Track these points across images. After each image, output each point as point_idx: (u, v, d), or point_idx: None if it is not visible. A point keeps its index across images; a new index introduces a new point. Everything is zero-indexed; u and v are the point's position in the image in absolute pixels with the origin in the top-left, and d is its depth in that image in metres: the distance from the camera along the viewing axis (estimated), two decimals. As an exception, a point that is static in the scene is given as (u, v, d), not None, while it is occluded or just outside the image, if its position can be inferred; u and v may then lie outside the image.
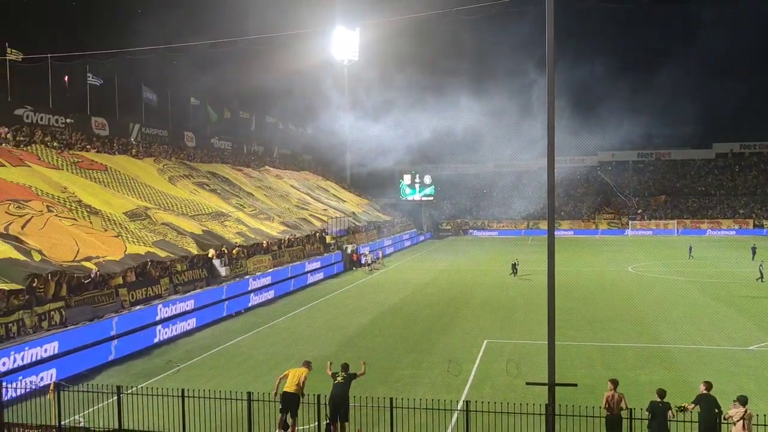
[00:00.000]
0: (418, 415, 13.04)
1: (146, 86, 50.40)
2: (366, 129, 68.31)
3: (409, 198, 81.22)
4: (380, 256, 52.28)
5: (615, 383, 13.45)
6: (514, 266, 42.51)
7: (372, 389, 15.67)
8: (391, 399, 12.94)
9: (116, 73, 46.71)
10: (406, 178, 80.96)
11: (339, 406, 14.28)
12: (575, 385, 14.58)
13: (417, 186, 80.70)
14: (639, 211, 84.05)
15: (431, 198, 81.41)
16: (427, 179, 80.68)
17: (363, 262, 48.81)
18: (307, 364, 15.51)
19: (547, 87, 13.14)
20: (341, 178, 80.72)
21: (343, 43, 74.82)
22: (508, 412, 12.48)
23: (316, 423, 13.47)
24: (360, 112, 70.89)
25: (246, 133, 66.66)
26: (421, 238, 75.98)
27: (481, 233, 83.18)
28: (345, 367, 15.15)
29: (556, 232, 14.08)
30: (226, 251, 34.27)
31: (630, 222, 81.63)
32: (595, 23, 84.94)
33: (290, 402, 14.64)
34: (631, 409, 12.51)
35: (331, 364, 15.40)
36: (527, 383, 14.25)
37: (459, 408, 14.01)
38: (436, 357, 22.29)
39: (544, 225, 76.81)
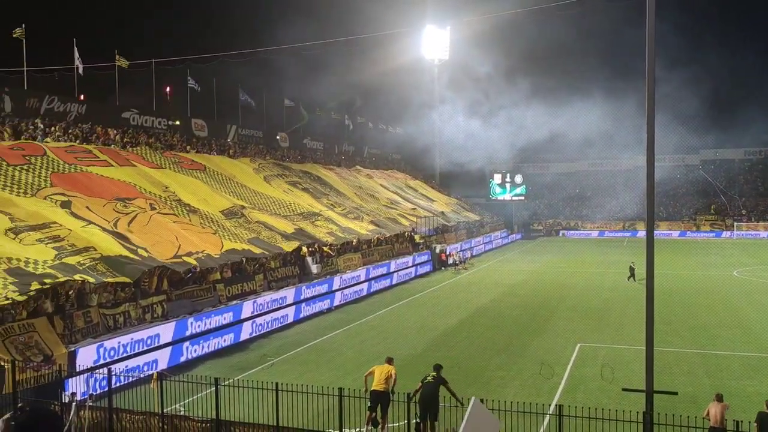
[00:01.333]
0: (508, 417, 12.83)
1: (242, 89, 52.10)
2: (456, 128, 67.99)
3: (500, 198, 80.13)
4: (468, 256, 51.85)
5: (720, 398, 12.85)
6: (631, 270, 38.56)
7: (461, 390, 15.55)
8: (481, 400, 12.80)
9: (215, 76, 48.58)
10: (497, 178, 79.91)
11: (429, 405, 14.27)
12: (675, 393, 13.94)
13: (508, 185, 79.51)
14: (744, 213, 79.43)
15: (522, 198, 80.00)
16: (518, 179, 79.34)
17: (451, 262, 48.59)
18: (390, 361, 15.64)
19: (646, 84, 12.62)
20: (430, 178, 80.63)
21: (434, 43, 74.70)
22: (602, 419, 12.08)
23: (406, 421, 13.51)
24: (450, 111, 70.65)
25: (337, 134, 67.75)
26: (512, 238, 74.82)
27: (573, 234, 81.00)
28: (436, 367, 15.14)
29: (655, 234, 13.50)
30: (317, 249, 34.96)
31: (735, 224, 77.13)
32: (703, 14, 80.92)
33: (378, 399, 14.78)
34: (737, 421, 11.82)
35: None
36: (624, 389, 13.75)
37: (551, 412, 13.68)
38: (527, 359, 21.90)
39: (640, 226, 74.00)
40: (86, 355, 18.78)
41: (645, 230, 13.47)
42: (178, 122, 42.53)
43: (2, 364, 16.44)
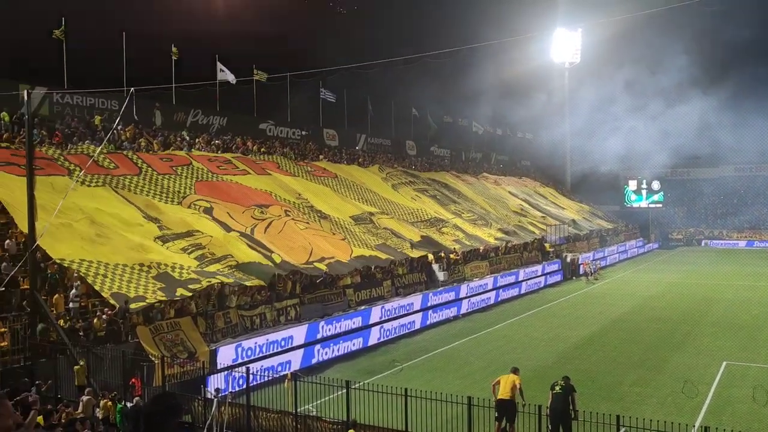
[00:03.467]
0: (647, 436, 12.16)
1: (371, 99, 53.21)
2: (587, 133, 65.68)
3: (635, 205, 76.43)
4: (597, 267, 49.38)
5: None
6: None
7: (594, 404, 14.97)
8: (618, 416, 12.24)
9: (346, 87, 49.93)
10: (632, 184, 76.27)
11: (559, 418, 13.86)
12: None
13: (644, 192, 75.68)
14: None
15: (660, 205, 75.82)
16: (655, 185, 75.28)
17: (582, 272, 46.85)
18: (515, 371, 15.37)
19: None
20: (560, 185, 78.33)
21: (564, 46, 72.69)
22: (754, 444, 11.18)
23: (536, 434, 13.17)
24: (581, 115, 68.38)
25: (465, 141, 67.49)
26: (648, 247, 71.08)
27: (717, 243, 75.51)
28: (566, 379, 14.70)
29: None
30: (444, 256, 34.97)
31: None
32: None
33: (506, 409, 14.54)
34: None
35: None
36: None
37: (694, 433, 12.84)
38: (667, 376, 20.70)
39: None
40: (226, 353, 19.86)
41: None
42: (305, 132, 44.32)
43: (153, 359, 17.74)
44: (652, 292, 39.07)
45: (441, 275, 33.66)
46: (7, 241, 21.11)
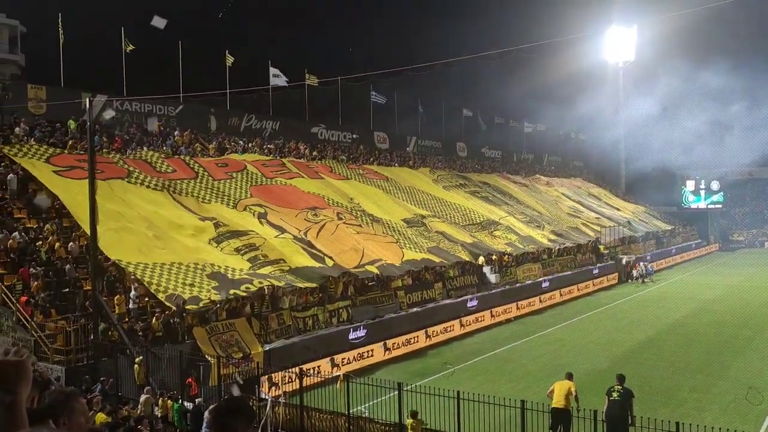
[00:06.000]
0: (709, 443, 11.81)
1: (421, 101, 53.17)
2: (643, 132, 64.19)
3: (693, 206, 74.21)
4: (653, 269, 47.90)
5: None
6: None
7: (652, 410, 14.60)
8: (678, 423, 11.92)
9: (396, 90, 50.06)
10: (689, 185, 74.05)
11: (616, 425, 13.57)
12: None
13: (702, 192, 73.42)
14: None
15: (719, 206, 73.41)
16: (714, 185, 72.89)
17: (635, 274, 45.60)
18: (570, 377, 15.05)
19: None
20: (615, 185, 76.68)
21: (618, 43, 71.19)
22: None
23: (592, 439, 12.94)
24: (636, 114, 66.90)
25: (516, 141, 66.76)
26: (708, 249, 68.92)
27: (782, 246, 72.67)
28: (620, 378, 14.35)
29: None
30: (495, 258, 34.67)
31: None
32: None
33: (559, 417, 14.31)
34: None
35: None
36: None
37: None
38: (728, 382, 20.06)
39: None
40: (279, 354, 20.13)
41: None
42: (356, 135, 44.65)
43: (209, 359, 18.13)
44: (711, 296, 37.86)
45: (493, 277, 33.39)
46: (71, 244, 21.89)
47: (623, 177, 77.48)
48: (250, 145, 35.64)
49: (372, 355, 23.14)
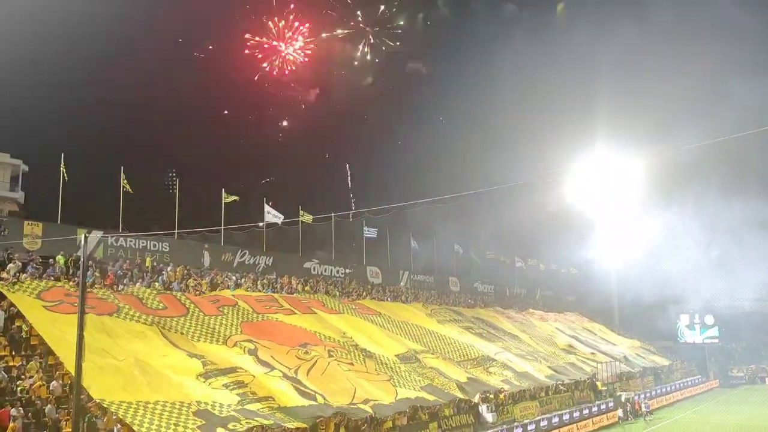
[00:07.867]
0: None
1: (413, 237, 53.88)
2: (635, 266, 64.63)
3: (689, 340, 73.34)
4: (650, 407, 46.32)
5: None
6: None
7: None
8: None
9: (388, 225, 50.84)
10: (684, 319, 73.59)
11: None
12: None
13: (697, 327, 72.86)
14: None
15: (716, 340, 72.52)
16: (709, 319, 72.34)
17: (640, 412, 44.16)
18: None
19: None
20: (609, 319, 76.12)
21: (605, 176, 73.00)
22: None
23: None
24: (627, 248, 67.66)
25: (507, 277, 67.00)
26: (708, 386, 67.34)
27: (784, 381, 71.07)
28: None
29: None
30: (491, 396, 33.71)
31: None
32: None
33: None
34: None
35: None
36: None
37: None
38: None
39: None
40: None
41: None
42: (349, 270, 44.91)
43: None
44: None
45: (489, 417, 32.29)
46: (53, 383, 21.23)
47: (616, 310, 77.13)
48: (242, 280, 35.63)
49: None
